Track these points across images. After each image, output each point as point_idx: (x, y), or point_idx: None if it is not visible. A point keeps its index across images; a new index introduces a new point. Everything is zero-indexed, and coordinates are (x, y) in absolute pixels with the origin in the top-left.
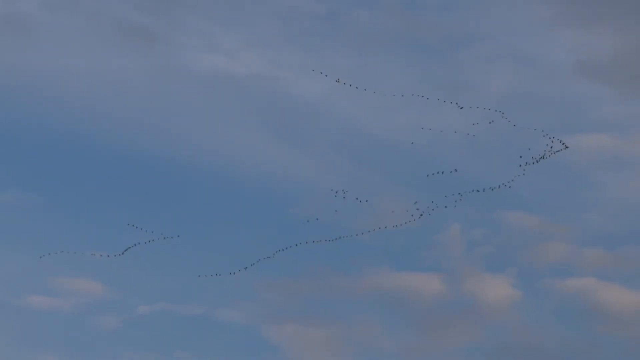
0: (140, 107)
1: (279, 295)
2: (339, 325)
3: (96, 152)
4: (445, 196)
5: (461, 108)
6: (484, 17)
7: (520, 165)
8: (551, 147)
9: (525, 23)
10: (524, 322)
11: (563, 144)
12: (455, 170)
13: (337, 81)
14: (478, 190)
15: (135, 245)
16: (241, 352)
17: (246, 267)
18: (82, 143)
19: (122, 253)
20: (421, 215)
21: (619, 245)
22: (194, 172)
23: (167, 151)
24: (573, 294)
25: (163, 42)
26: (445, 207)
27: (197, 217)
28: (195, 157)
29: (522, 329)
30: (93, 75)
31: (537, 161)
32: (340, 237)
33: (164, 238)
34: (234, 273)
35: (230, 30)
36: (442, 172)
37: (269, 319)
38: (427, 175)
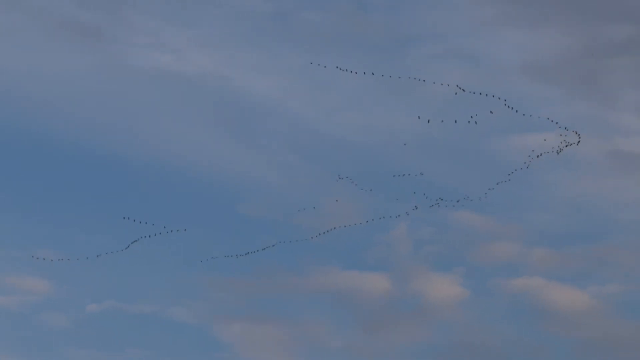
0: (88, 105)
1: (229, 293)
2: (289, 323)
3: (44, 149)
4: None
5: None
6: (432, 17)
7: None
8: (564, 140)
9: (472, 23)
10: (471, 321)
11: (578, 135)
12: (421, 173)
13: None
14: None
15: (139, 239)
16: (192, 350)
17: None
18: (30, 140)
19: (126, 248)
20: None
21: (566, 244)
22: (143, 169)
23: (116, 149)
24: (520, 293)
25: (110, 41)
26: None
27: (149, 214)
28: (145, 154)
29: (470, 328)
30: (39, 74)
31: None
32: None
33: (170, 231)
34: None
35: (179, 29)
36: (408, 175)
37: (220, 317)
38: (393, 176)
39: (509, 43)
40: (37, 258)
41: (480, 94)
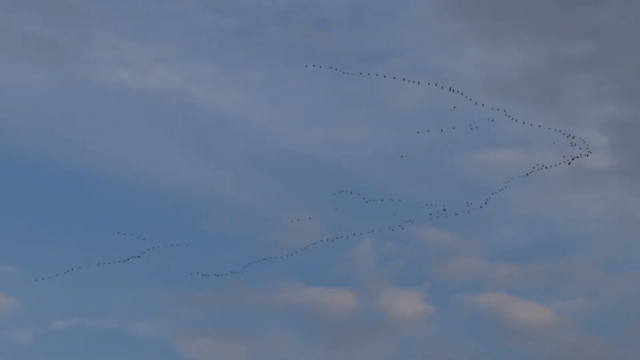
0: (49, 121)
1: (192, 309)
2: (253, 339)
3: (4, 165)
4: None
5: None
6: (394, 33)
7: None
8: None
9: (434, 39)
10: (436, 337)
11: (587, 147)
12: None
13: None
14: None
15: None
16: None
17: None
18: None
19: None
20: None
21: (529, 259)
22: (105, 185)
23: (78, 165)
24: (484, 308)
25: (72, 57)
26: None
27: (111, 230)
28: (107, 170)
29: (435, 343)
30: (2, 90)
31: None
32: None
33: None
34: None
35: (141, 45)
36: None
37: (183, 333)
38: (358, 194)
39: (471, 59)
40: (1, 274)
41: (477, 103)
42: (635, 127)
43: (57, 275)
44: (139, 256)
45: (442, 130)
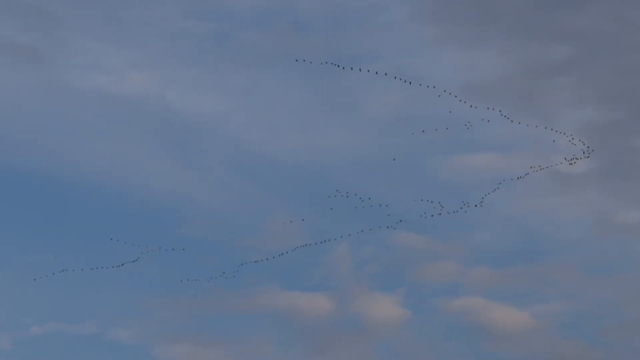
0: (27, 126)
1: (170, 313)
2: (231, 344)
3: None
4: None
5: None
6: (372, 38)
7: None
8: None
9: (412, 44)
10: (412, 341)
11: (588, 148)
12: (369, 198)
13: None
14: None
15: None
16: None
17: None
18: None
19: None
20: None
21: (506, 264)
22: (83, 191)
23: (56, 169)
24: (461, 312)
25: (49, 62)
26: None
27: (92, 236)
28: (85, 175)
29: (411, 347)
30: None
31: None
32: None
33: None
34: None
35: (118, 50)
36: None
37: (161, 337)
38: (335, 196)
39: (448, 63)
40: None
41: (471, 106)
42: (612, 130)
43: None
44: (134, 261)
45: (436, 130)
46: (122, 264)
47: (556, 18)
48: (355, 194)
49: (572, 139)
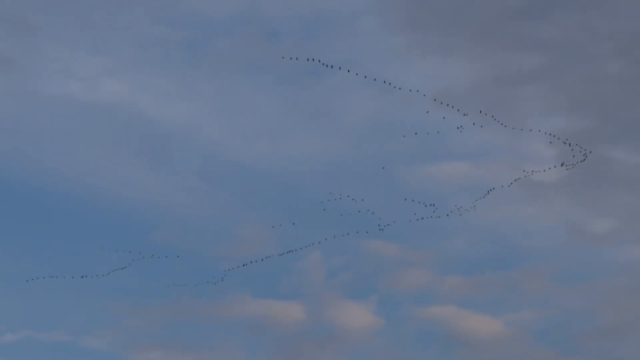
0: (0, 133)
1: (142, 321)
2: (204, 351)
3: None
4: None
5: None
6: (342, 46)
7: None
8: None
9: (384, 52)
10: (385, 349)
11: (585, 151)
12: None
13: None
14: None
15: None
16: None
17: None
18: None
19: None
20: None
21: (479, 272)
22: (54, 198)
23: (28, 176)
24: (434, 320)
25: (21, 69)
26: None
27: (63, 243)
28: (56, 181)
29: (384, 355)
30: None
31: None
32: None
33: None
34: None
35: (90, 57)
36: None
37: (133, 345)
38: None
39: (420, 71)
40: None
41: (457, 109)
42: (583, 139)
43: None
44: (125, 267)
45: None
46: (113, 271)
47: (526, 27)
48: (348, 196)
49: (569, 144)
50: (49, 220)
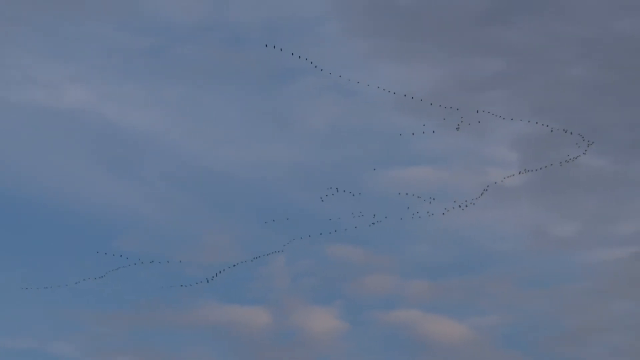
0: None
1: (110, 327)
2: (170, 357)
3: None
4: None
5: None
6: (306, 52)
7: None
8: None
9: (346, 57)
10: (350, 354)
11: (587, 145)
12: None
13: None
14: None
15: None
16: None
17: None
18: None
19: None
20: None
21: (443, 276)
22: (18, 205)
23: None
24: (399, 325)
25: None
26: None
27: (24, 250)
28: (18, 189)
29: None
30: None
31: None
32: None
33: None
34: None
35: (53, 64)
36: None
37: (101, 351)
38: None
39: (382, 77)
40: None
41: (451, 107)
42: (545, 143)
43: None
44: (117, 269)
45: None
46: (106, 274)
47: (488, 32)
48: (345, 190)
49: (571, 134)
50: (13, 228)
